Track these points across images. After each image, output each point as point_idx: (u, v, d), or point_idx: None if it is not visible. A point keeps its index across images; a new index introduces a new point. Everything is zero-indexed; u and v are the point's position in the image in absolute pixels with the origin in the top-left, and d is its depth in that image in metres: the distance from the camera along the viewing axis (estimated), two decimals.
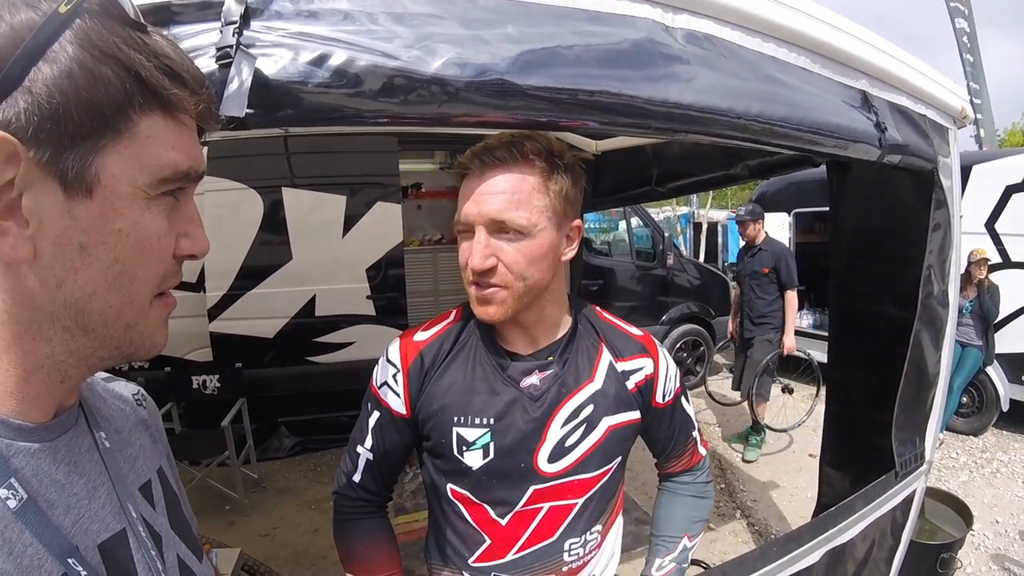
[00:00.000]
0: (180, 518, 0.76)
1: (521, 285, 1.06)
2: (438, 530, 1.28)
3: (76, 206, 0.50)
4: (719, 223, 15.18)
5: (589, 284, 6.45)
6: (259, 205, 4.72)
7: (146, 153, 0.53)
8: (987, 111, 9.85)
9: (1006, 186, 5.72)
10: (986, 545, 4.03)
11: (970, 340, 5.58)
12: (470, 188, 1.06)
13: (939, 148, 1.82)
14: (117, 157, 0.51)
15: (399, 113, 0.87)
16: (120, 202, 0.52)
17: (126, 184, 0.52)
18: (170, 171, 0.55)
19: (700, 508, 1.42)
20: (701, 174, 3.02)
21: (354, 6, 0.85)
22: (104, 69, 0.49)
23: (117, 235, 0.53)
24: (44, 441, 0.57)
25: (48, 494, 0.55)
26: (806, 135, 1.29)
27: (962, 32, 9.77)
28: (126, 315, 0.57)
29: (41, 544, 0.52)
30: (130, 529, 0.63)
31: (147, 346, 0.61)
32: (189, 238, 0.60)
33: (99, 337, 0.57)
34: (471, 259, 1.05)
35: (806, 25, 1.32)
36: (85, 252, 0.52)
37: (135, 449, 0.72)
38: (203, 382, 4.46)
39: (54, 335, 0.55)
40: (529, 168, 1.05)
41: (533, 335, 1.18)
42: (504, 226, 1.03)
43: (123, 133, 0.51)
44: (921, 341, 1.98)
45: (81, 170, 0.50)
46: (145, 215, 0.54)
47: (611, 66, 0.99)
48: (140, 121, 0.52)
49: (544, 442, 1.15)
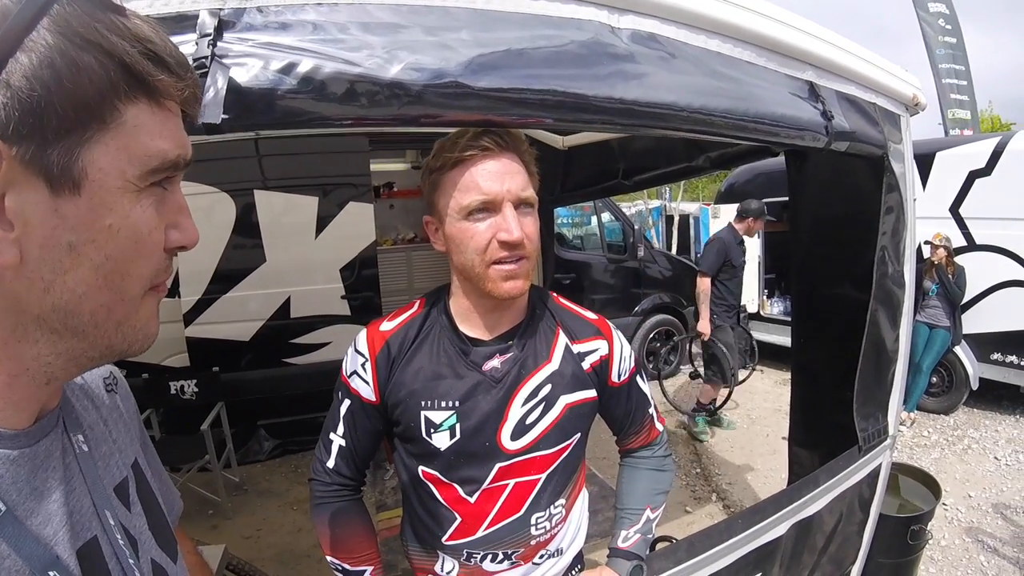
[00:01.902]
0: (156, 515, 0.75)
1: (536, 256, 1.16)
2: (412, 513, 1.34)
3: (63, 204, 0.48)
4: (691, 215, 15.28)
5: (562, 278, 6.49)
6: (231, 208, 4.70)
7: (134, 143, 0.50)
8: (971, 93, 9.80)
9: (969, 171, 5.89)
10: (959, 519, 4.14)
11: (938, 321, 5.74)
12: (484, 169, 1.10)
13: (889, 135, 1.87)
14: (104, 149, 0.49)
15: (363, 116, 0.92)
16: (110, 196, 0.50)
17: (115, 177, 0.50)
18: (159, 160, 0.53)
19: (660, 481, 1.48)
20: (665, 166, 3.07)
21: (321, 17, 0.90)
22: (86, 57, 0.46)
23: (108, 232, 0.50)
24: (23, 447, 0.54)
25: (27, 503, 0.53)
26: (750, 125, 1.35)
27: (937, 16, 9.68)
28: (117, 313, 0.54)
29: (19, 556, 0.50)
30: (106, 536, 0.61)
31: (140, 340, 0.58)
32: (178, 229, 0.58)
33: (89, 338, 0.54)
34: (510, 233, 1.09)
35: (749, 20, 1.37)
36: (74, 252, 0.49)
37: (109, 446, 0.70)
38: (181, 387, 4.44)
39: (41, 337, 0.52)
40: (525, 151, 1.15)
41: (498, 318, 1.24)
42: (525, 201, 1.12)
43: (109, 124, 0.49)
44: (878, 320, 2.03)
45: (67, 165, 0.47)
46: (135, 208, 0.52)
47: (559, 66, 1.05)
48: (126, 110, 0.50)
49: (506, 421, 1.22)
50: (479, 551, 1.28)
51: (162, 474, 0.88)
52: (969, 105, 9.76)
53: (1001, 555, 3.71)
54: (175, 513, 0.92)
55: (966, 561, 3.70)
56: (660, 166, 3.12)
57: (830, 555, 2.11)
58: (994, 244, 5.81)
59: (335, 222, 4.92)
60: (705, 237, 13.70)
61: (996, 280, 5.81)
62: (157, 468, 0.86)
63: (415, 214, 6.90)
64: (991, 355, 5.90)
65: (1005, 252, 5.73)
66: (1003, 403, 6.11)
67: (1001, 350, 5.82)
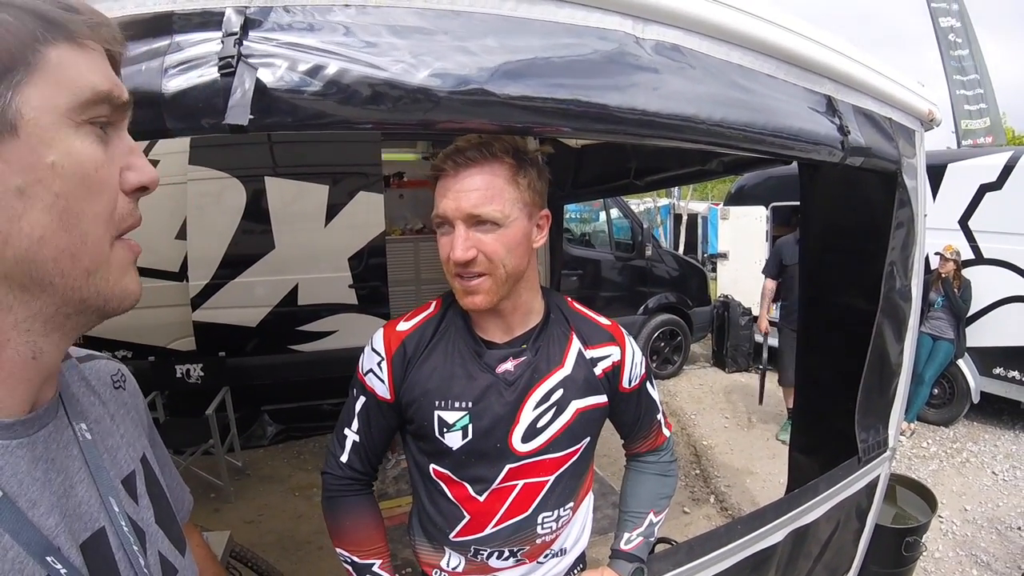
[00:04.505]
0: (164, 510, 0.75)
1: (502, 272, 1.14)
2: (421, 509, 1.36)
3: (4, 148, 0.49)
4: (699, 215, 15.28)
5: (569, 274, 6.50)
6: (242, 194, 4.70)
7: (62, 79, 0.52)
8: (991, 101, 9.69)
9: (980, 184, 5.85)
10: (954, 532, 4.14)
11: (942, 333, 5.70)
12: (446, 187, 1.14)
13: (904, 150, 1.86)
14: (34, 89, 0.50)
15: (387, 120, 0.93)
16: (46, 133, 0.51)
17: (49, 113, 0.51)
18: (90, 91, 0.54)
19: (665, 485, 1.49)
20: (677, 169, 3.09)
21: (347, 20, 0.91)
22: (2, 15, 0.49)
23: (52, 169, 0.51)
24: (21, 437, 0.55)
25: (28, 493, 0.54)
26: (769, 139, 1.36)
27: (948, 31, 9.68)
28: (82, 259, 0.54)
29: (19, 545, 0.50)
30: (112, 526, 0.62)
31: (117, 295, 0.58)
32: (133, 170, 0.58)
33: (60, 290, 0.54)
34: (453, 252, 1.12)
35: (771, 33, 1.37)
36: (24, 195, 0.50)
37: (116, 439, 0.71)
38: (186, 371, 4.45)
39: (13, 300, 0.52)
40: (499, 165, 1.13)
41: (509, 323, 1.26)
42: (480, 219, 1.11)
43: (34, 65, 0.50)
44: (884, 332, 2.03)
45: (2, 109, 0.48)
46: (75, 143, 0.53)
47: (582, 76, 1.05)
48: (48, 52, 0.51)
49: (518, 423, 1.24)
50: (486, 548, 1.31)
51: (172, 470, 0.89)
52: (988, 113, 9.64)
53: (993, 570, 3.71)
54: (185, 509, 0.93)
55: (959, 574, 3.70)
56: (672, 168, 3.13)
57: (825, 563, 2.12)
58: (1001, 259, 5.78)
59: (345, 211, 4.91)
60: (713, 237, 13.73)
61: (1002, 295, 5.78)
62: (167, 465, 0.87)
63: (424, 204, 6.85)
64: (993, 369, 5.87)
65: (1012, 267, 5.69)
66: (1003, 418, 6.08)
67: (1003, 365, 5.79)
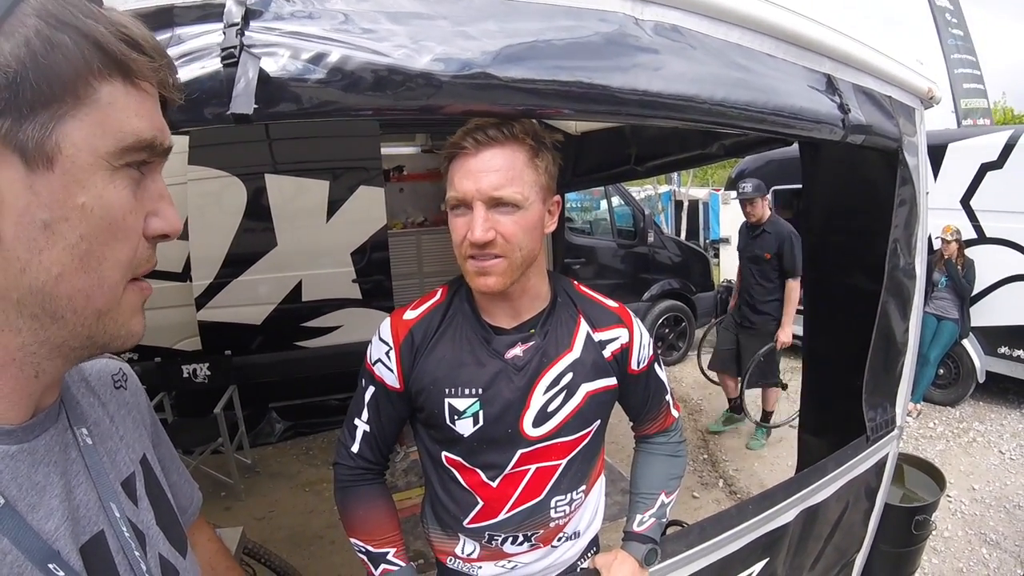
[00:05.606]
0: (165, 511, 0.75)
1: (518, 255, 1.13)
2: (434, 496, 1.36)
3: (37, 180, 0.48)
4: (700, 201, 15.22)
5: (572, 263, 6.49)
6: (242, 193, 4.71)
7: (108, 120, 0.51)
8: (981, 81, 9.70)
9: (981, 163, 5.83)
10: (963, 511, 4.15)
11: (946, 313, 5.70)
12: (465, 166, 1.11)
13: (904, 128, 1.86)
14: (78, 125, 0.49)
15: (389, 106, 0.93)
16: (82, 173, 0.50)
17: (88, 153, 0.50)
18: (133, 139, 0.53)
19: (675, 466, 1.50)
20: (678, 153, 3.07)
21: (347, 7, 0.91)
22: (61, 36, 0.47)
23: (81, 210, 0.50)
24: (22, 443, 0.55)
25: (28, 498, 0.54)
26: (770, 118, 1.35)
27: (943, 10, 9.68)
28: (96, 300, 0.54)
29: (20, 550, 0.50)
30: (112, 529, 0.62)
31: (123, 335, 0.58)
32: (159, 216, 0.57)
33: (69, 325, 0.53)
34: (472, 233, 1.09)
35: (770, 12, 1.37)
36: (49, 230, 0.49)
37: (116, 441, 0.71)
38: (193, 371, 4.47)
39: (23, 325, 0.52)
40: (520, 146, 1.11)
41: (516, 307, 1.25)
42: (501, 200, 1.09)
43: (83, 99, 0.49)
44: (888, 311, 2.03)
45: (42, 140, 0.47)
46: (109, 188, 0.52)
47: (584, 58, 1.05)
48: (100, 87, 0.50)
49: (528, 408, 1.24)
50: (500, 533, 1.31)
51: (179, 468, 0.89)
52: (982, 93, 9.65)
53: (1003, 548, 3.72)
54: (195, 506, 0.93)
55: (968, 553, 3.71)
56: (673, 152, 3.11)
57: (835, 543, 2.13)
58: (1004, 237, 5.76)
59: (346, 206, 4.92)
60: (715, 223, 13.68)
61: (1005, 274, 5.76)
62: (172, 462, 0.87)
63: (425, 198, 6.90)
64: (998, 348, 5.86)
65: (1015, 246, 5.68)
66: (1009, 397, 6.08)
67: (1009, 344, 5.79)
